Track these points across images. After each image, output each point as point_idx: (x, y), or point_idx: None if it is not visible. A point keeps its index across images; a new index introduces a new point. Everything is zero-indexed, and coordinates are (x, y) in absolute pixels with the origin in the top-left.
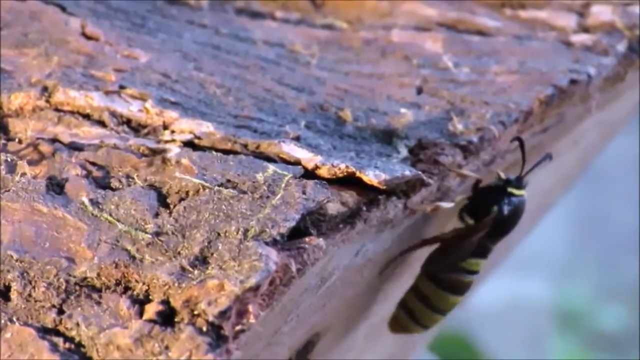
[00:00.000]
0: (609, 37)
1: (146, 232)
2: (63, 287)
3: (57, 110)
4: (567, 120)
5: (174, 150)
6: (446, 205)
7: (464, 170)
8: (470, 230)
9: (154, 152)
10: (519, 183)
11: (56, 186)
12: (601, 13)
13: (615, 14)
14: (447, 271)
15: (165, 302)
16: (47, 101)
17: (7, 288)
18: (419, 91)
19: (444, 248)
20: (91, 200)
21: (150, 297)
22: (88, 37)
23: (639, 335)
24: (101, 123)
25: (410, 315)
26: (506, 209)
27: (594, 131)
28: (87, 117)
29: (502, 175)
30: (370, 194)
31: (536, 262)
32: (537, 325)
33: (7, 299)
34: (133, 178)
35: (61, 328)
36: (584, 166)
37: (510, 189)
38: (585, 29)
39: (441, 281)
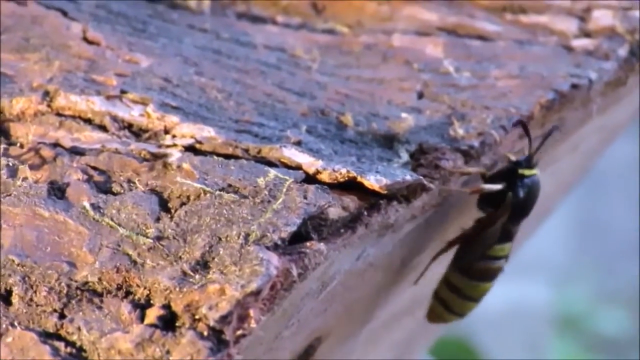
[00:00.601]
0: (610, 42)
1: (147, 237)
2: (64, 291)
3: (58, 114)
4: (568, 125)
5: (175, 155)
6: (491, 187)
7: (465, 168)
8: (490, 219)
9: (155, 156)
10: (529, 163)
11: (57, 191)
12: (602, 18)
13: (616, 18)
14: (477, 261)
15: (167, 306)
16: (49, 106)
17: (9, 292)
18: (420, 96)
19: (469, 241)
20: (92, 205)
21: (152, 301)
22: (89, 42)
23: (638, 339)
24: (102, 128)
25: (445, 306)
26: (521, 191)
27: (594, 136)
28: (88, 121)
29: (512, 158)
30: (371, 199)
31: (536, 266)
32: (537, 329)
33: (9, 303)
34: (134, 182)
35: (62, 332)
36: (584, 171)
37: (521, 171)
38: (587, 34)
39: (471, 272)
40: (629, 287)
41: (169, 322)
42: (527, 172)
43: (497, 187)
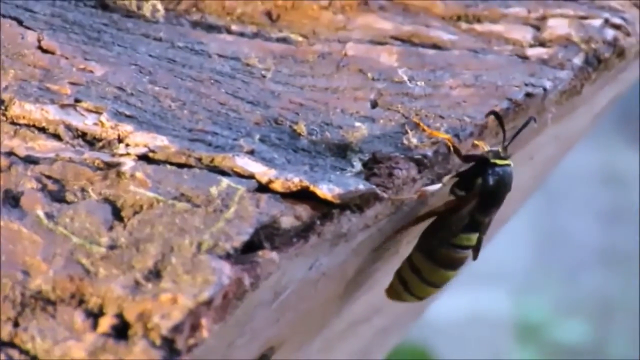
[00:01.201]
0: (565, 51)
1: (100, 246)
2: (19, 300)
3: (13, 123)
4: (523, 134)
5: (128, 164)
6: (433, 188)
7: (427, 188)
8: (459, 203)
9: (109, 165)
10: (501, 154)
11: (12, 199)
12: (557, 27)
13: (572, 27)
14: (440, 247)
15: (119, 315)
16: (4, 114)
17: None
18: (374, 105)
19: (436, 224)
20: (46, 214)
21: (105, 310)
22: (44, 51)
23: (598, 348)
24: (57, 136)
25: (404, 286)
26: (490, 179)
27: (549, 145)
28: (42, 130)
29: (486, 148)
30: (324, 208)
31: (497, 275)
32: (497, 338)
33: None
34: (88, 191)
35: (17, 341)
36: (540, 180)
37: (493, 160)
38: (542, 43)
39: (434, 256)
40: (589, 297)
41: (121, 330)
42: (498, 161)
43: (437, 186)
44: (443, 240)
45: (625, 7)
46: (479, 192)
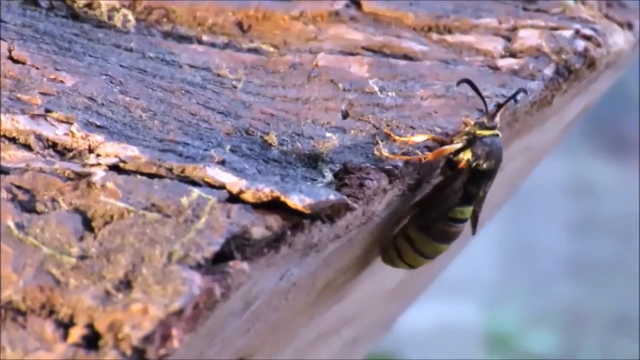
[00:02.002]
0: (535, 62)
1: (71, 256)
2: None
3: None
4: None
5: (99, 174)
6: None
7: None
8: (449, 179)
9: (80, 175)
10: (487, 124)
11: None
12: (528, 37)
13: (542, 38)
14: (436, 220)
15: (90, 325)
16: None
17: None
18: (345, 115)
19: (431, 198)
20: (17, 224)
21: (75, 320)
22: (15, 61)
23: (566, 358)
24: (27, 146)
25: (398, 254)
26: (479, 150)
27: (520, 156)
28: (13, 140)
29: (471, 121)
30: (294, 218)
31: (467, 286)
32: (467, 349)
33: None
34: (58, 202)
35: None
36: (511, 191)
37: (479, 132)
38: (512, 54)
39: (429, 229)
40: (558, 307)
41: (92, 341)
42: (485, 132)
43: (457, 145)
44: (438, 214)
45: (596, 18)
46: (468, 165)
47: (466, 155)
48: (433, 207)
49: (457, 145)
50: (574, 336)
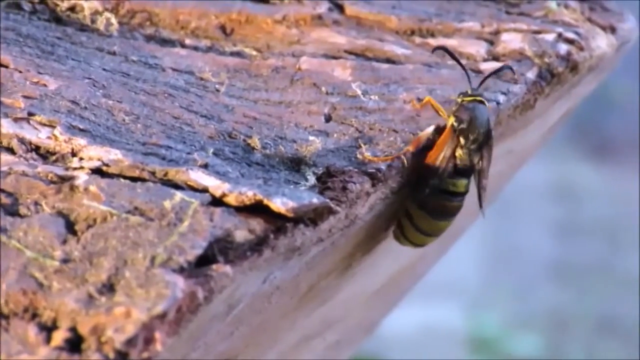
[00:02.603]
0: (518, 65)
1: (54, 259)
2: None
3: None
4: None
5: (82, 178)
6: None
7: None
8: (434, 145)
9: (62, 179)
10: (469, 92)
11: None
12: (511, 41)
13: (525, 42)
14: (430, 194)
15: (73, 329)
16: None
17: None
18: (328, 119)
19: (423, 171)
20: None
21: (58, 324)
22: None
23: None
24: (10, 150)
25: (401, 231)
26: (462, 114)
27: (503, 159)
28: None
29: (455, 95)
30: (277, 222)
31: (450, 290)
32: (451, 352)
33: None
34: (41, 205)
35: None
36: (493, 194)
37: (460, 99)
38: (495, 57)
39: (425, 205)
40: (542, 310)
41: (75, 344)
42: (467, 99)
43: (431, 129)
44: (431, 185)
45: (579, 21)
46: (453, 129)
47: (450, 120)
48: (425, 177)
49: (430, 129)
50: (558, 339)
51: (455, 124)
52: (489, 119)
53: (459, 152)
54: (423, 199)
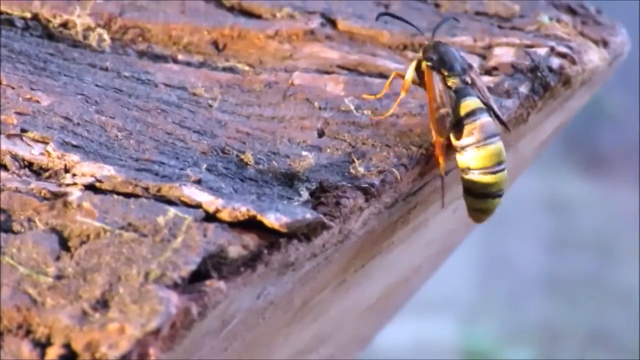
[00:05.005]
0: (511, 79)
1: (47, 276)
2: None
3: None
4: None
5: (75, 194)
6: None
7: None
8: (428, 86)
9: (56, 195)
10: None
11: None
12: (503, 55)
13: (518, 56)
14: (457, 128)
15: (67, 345)
16: None
17: None
18: (321, 134)
19: (432, 113)
20: None
21: (52, 340)
22: None
23: None
24: (3, 166)
25: (470, 194)
26: (429, 53)
27: None
28: None
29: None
30: (271, 237)
31: (443, 303)
32: None
33: None
34: (34, 221)
35: None
36: None
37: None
38: (488, 71)
39: (463, 142)
40: (535, 324)
41: None
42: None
43: (410, 70)
44: (447, 119)
45: (571, 35)
46: (427, 66)
47: (424, 64)
48: (440, 118)
49: (409, 75)
50: (551, 352)
51: (430, 63)
52: (456, 49)
53: (449, 81)
54: (447, 131)
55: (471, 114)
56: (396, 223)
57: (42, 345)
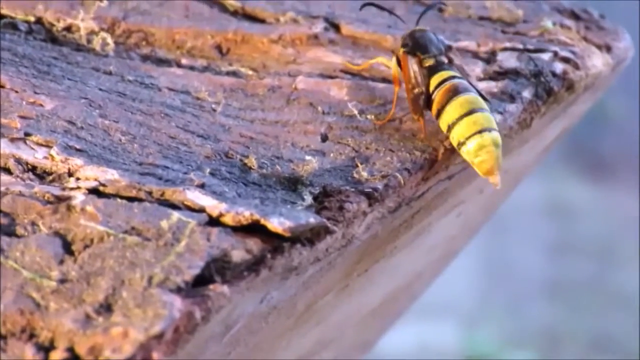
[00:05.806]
0: (514, 84)
1: (51, 280)
2: None
3: None
4: (472, 168)
5: (78, 198)
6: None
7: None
8: (404, 69)
9: (59, 199)
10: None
11: None
12: (507, 60)
13: (521, 61)
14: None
15: (70, 349)
16: None
17: None
18: (324, 138)
19: (409, 91)
20: None
21: (55, 344)
22: None
23: None
24: (7, 170)
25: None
26: (406, 40)
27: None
28: None
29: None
30: (274, 242)
31: (445, 308)
32: None
33: None
34: (38, 225)
35: None
36: (489, 213)
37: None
38: (491, 76)
39: (440, 108)
40: (537, 328)
41: None
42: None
43: (393, 62)
44: (419, 97)
45: (575, 41)
46: (406, 53)
47: (401, 51)
48: (414, 97)
49: (393, 68)
50: (552, 356)
51: (406, 48)
52: (434, 33)
53: (425, 63)
54: (424, 104)
55: (442, 82)
56: (399, 228)
57: (45, 349)
